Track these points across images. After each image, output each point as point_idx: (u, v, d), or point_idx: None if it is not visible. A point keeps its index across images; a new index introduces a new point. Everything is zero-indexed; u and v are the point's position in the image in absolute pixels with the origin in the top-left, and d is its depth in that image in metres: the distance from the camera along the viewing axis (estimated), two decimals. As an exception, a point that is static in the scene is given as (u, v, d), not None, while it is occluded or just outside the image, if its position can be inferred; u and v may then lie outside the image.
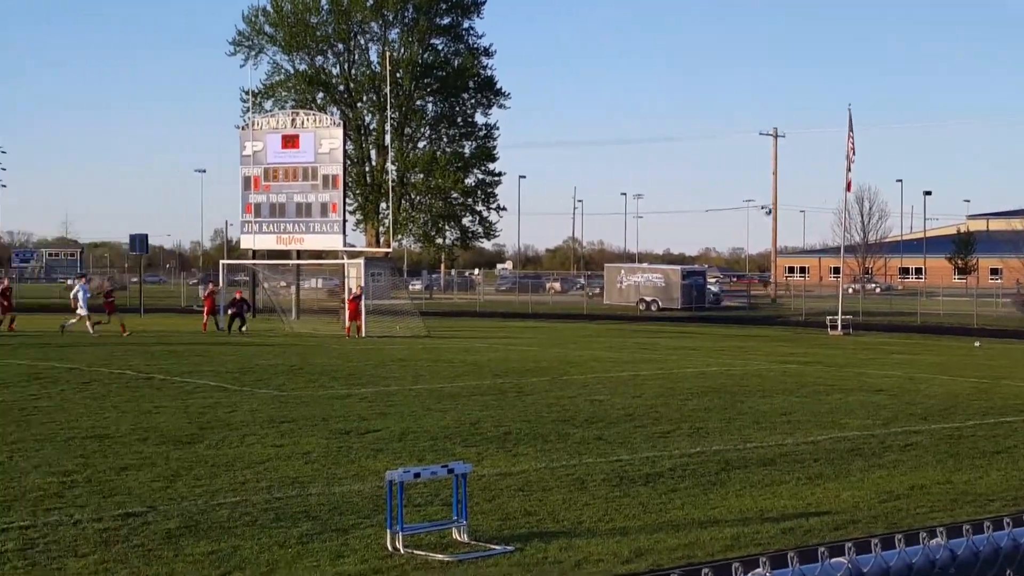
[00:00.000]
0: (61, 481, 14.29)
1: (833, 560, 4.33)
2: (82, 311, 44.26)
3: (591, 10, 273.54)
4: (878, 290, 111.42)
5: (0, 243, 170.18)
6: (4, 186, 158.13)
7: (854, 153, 55.40)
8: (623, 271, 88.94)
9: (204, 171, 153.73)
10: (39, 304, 65.23)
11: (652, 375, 30.06)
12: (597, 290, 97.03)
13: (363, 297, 48.57)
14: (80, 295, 44.92)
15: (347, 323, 47.38)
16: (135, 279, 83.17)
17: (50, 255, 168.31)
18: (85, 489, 13.84)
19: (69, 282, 46.51)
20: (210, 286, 53.78)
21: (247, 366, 31.10)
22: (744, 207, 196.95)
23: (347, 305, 48.77)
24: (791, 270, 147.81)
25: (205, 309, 50.23)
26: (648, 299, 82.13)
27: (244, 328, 47.19)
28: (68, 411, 21.00)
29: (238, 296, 50.08)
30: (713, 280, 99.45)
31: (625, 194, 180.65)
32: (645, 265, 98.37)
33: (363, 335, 46.25)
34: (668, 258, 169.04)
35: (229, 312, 48.31)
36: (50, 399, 22.86)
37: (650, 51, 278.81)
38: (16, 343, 38.74)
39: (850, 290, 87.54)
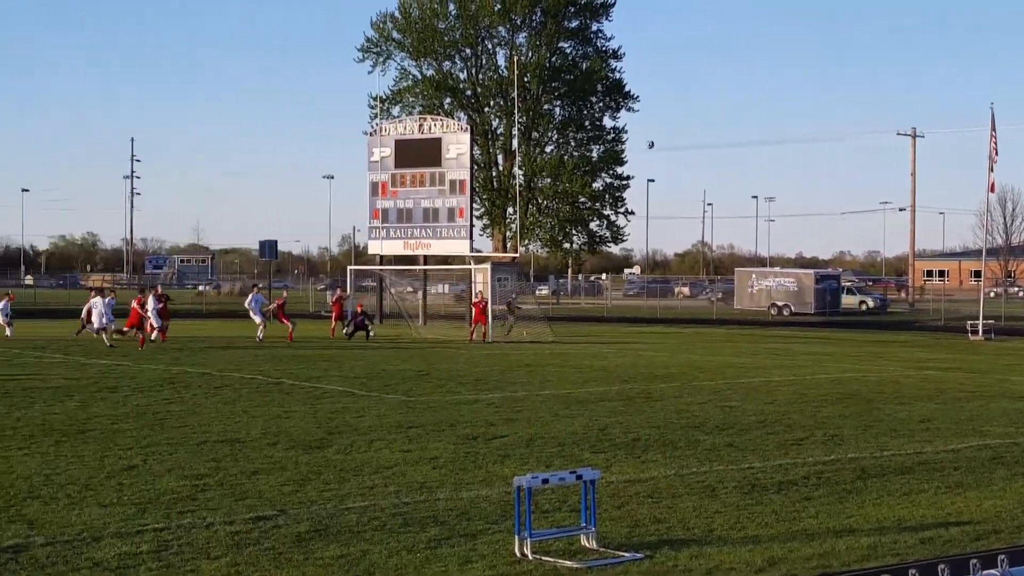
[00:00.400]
0: (194, 484, 14.43)
1: (985, 572, 4.12)
2: (256, 318, 45.02)
3: (721, 11, 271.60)
4: (1021, 294, 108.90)
5: (135, 250, 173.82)
6: (139, 194, 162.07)
7: (997, 153, 54.19)
8: (754, 275, 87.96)
9: (332, 177, 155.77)
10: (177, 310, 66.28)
11: (785, 381, 29.60)
12: (720, 295, 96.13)
13: (488, 302, 48.67)
14: (253, 304, 45.71)
15: (471, 328, 47.50)
16: (264, 285, 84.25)
17: (182, 261, 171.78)
18: (217, 492, 13.96)
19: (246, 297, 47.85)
20: (338, 292, 54.28)
21: (375, 371, 31.29)
22: (881, 209, 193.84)
23: (473, 310, 48.87)
24: (929, 274, 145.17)
25: (333, 315, 50.60)
26: (780, 304, 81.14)
27: (371, 335, 47.45)
28: (200, 415, 21.27)
29: (359, 309, 50.44)
30: (848, 284, 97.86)
31: (756, 197, 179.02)
32: (777, 269, 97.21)
33: (488, 340, 46.32)
34: (800, 262, 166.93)
35: (352, 324, 48.64)
36: (182, 403, 23.19)
37: (782, 51, 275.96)
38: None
39: (992, 294, 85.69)
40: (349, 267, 60.34)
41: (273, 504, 13.31)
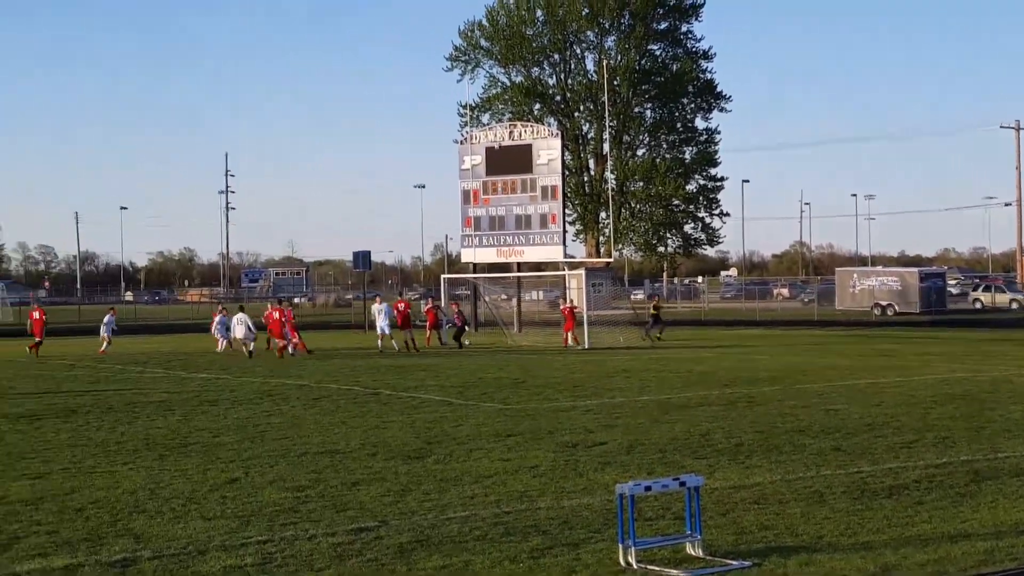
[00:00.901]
0: (295, 496, 14.45)
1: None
2: (384, 329, 45.41)
3: (814, 6, 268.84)
4: None
5: (231, 264, 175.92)
6: (233, 208, 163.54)
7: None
8: (856, 275, 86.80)
9: (424, 186, 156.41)
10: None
11: (891, 383, 29.09)
12: (814, 296, 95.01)
13: (577, 308, 48.61)
14: (380, 315, 46.00)
15: (564, 334, 47.32)
16: (358, 295, 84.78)
17: (277, 274, 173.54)
18: (318, 504, 13.96)
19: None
20: (431, 301, 54.47)
21: (471, 380, 31.26)
22: (985, 205, 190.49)
23: (564, 316, 48.69)
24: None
25: (428, 323, 50.69)
26: (884, 303, 80.00)
27: (464, 343, 47.53)
28: (300, 427, 21.35)
29: (455, 308, 50.66)
30: (954, 281, 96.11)
31: (855, 195, 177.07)
32: (879, 268, 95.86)
33: (584, 346, 46.13)
34: (903, 260, 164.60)
35: (453, 327, 48.77)
36: (282, 416, 23.31)
37: (879, 45, 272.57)
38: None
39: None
40: (442, 276, 60.50)
41: (374, 515, 13.28)
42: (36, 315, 46.96)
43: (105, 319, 47.82)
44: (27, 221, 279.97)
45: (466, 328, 48.97)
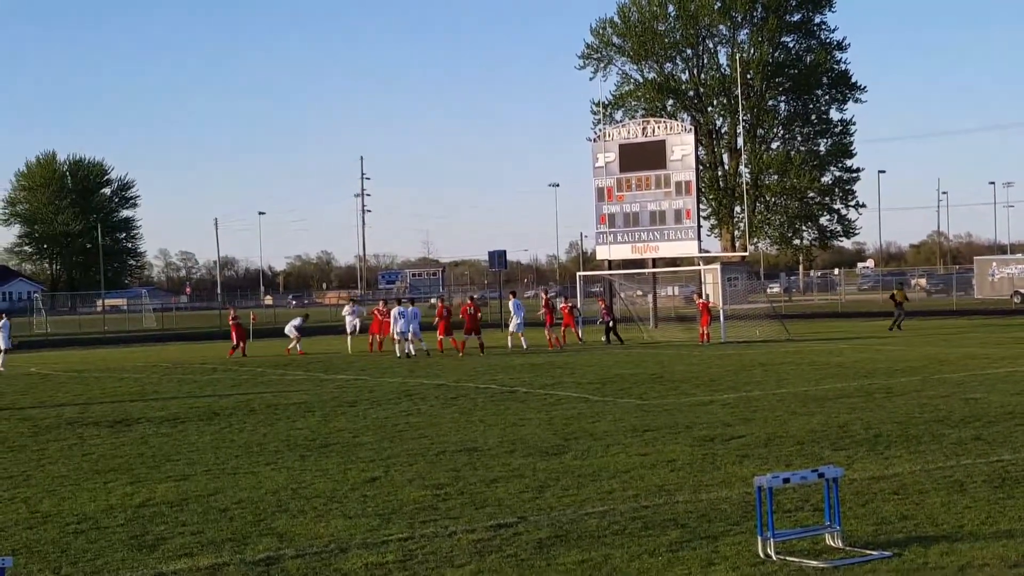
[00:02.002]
0: (435, 494, 14.62)
1: None
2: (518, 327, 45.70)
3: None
4: None
5: (367, 266, 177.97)
6: (369, 211, 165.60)
7: None
8: (995, 263, 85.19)
9: (558, 185, 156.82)
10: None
11: (1031, 370, 28.53)
12: (940, 285, 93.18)
13: (712, 303, 48.28)
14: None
15: (701, 329, 47.00)
16: (495, 295, 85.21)
17: (413, 275, 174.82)
18: (458, 501, 14.12)
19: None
20: (566, 299, 54.51)
21: (607, 376, 31.28)
22: None
23: (700, 310, 48.43)
24: None
25: (563, 322, 50.60)
26: (1023, 291, 78.34)
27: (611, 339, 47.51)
28: (438, 426, 21.58)
29: (602, 305, 50.67)
30: None
31: (994, 183, 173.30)
32: (1019, 256, 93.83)
33: (718, 340, 45.80)
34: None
35: (607, 323, 48.68)
36: (420, 415, 23.57)
37: (1015, 30, 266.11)
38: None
39: None
40: (578, 273, 60.45)
41: (513, 511, 13.39)
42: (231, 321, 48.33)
43: (296, 322, 48.30)
44: (168, 228, 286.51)
45: (613, 324, 48.88)
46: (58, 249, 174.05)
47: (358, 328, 48.84)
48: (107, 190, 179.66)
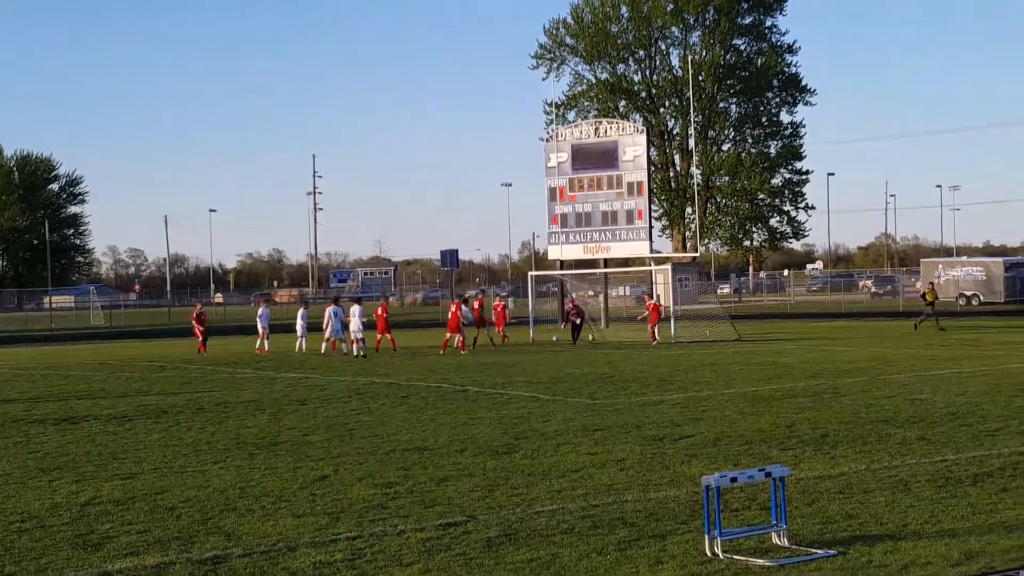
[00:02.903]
0: (384, 493, 14.62)
1: None
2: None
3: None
4: None
5: (319, 264, 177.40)
6: (321, 209, 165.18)
7: None
8: (941, 266, 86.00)
9: (510, 184, 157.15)
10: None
11: (976, 372, 28.84)
12: (887, 287, 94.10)
13: (661, 303, 48.39)
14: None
15: (650, 328, 47.03)
16: (447, 293, 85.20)
17: (365, 274, 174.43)
18: (407, 500, 14.12)
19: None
20: (501, 297, 54.39)
21: (558, 375, 31.35)
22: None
23: (648, 311, 48.41)
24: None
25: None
26: (968, 293, 79.30)
27: (578, 338, 47.51)
28: (388, 424, 21.56)
29: (571, 305, 50.64)
30: None
31: (940, 186, 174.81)
32: (964, 259, 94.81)
33: (662, 341, 45.92)
34: (989, 250, 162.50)
35: (575, 322, 48.62)
36: (370, 413, 23.54)
37: (963, 35, 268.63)
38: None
39: None
40: (530, 273, 60.52)
41: (462, 510, 13.41)
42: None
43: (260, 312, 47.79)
44: (118, 225, 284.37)
45: (581, 324, 48.88)
46: (4, 245, 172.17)
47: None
48: (55, 186, 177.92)
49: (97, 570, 11.20)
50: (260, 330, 46.18)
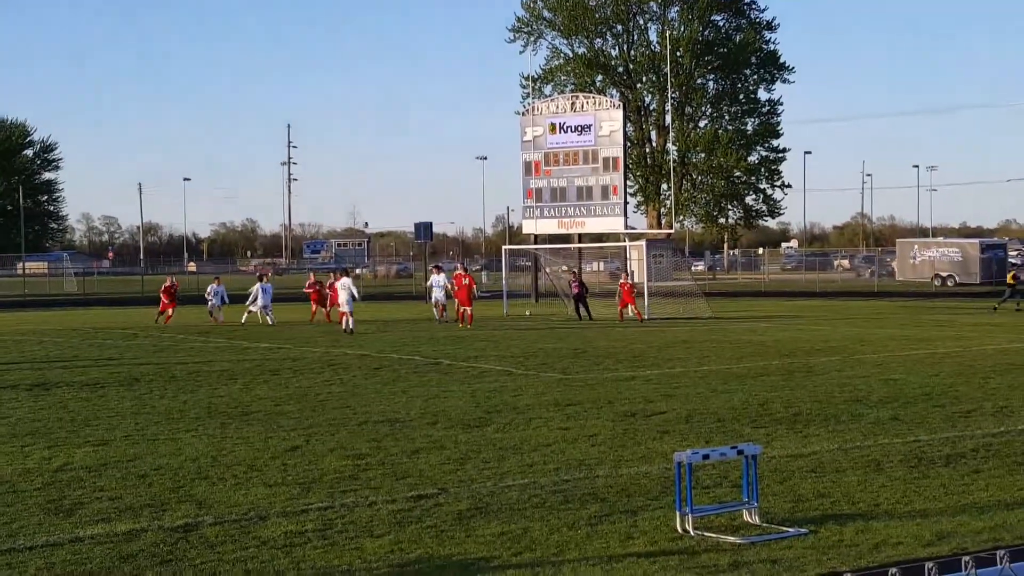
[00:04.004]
0: (356, 464, 14.60)
1: None
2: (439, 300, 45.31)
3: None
4: None
5: (293, 235, 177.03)
6: (296, 180, 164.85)
7: None
8: (916, 246, 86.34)
9: (485, 158, 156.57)
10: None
11: (950, 353, 28.96)
12: (871, 268, 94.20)
13: (636, 285, 48.12)
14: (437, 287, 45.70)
15: (624, 308, 46.59)
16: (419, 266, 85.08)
17: (339, 245, 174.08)
18: (379, 472, 14.10)
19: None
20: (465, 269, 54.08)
21: (531, 350, 31.35)
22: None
23: (621, 288, 47.83)
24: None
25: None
26: (944, 274, 79.59)
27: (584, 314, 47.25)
28: (360, 396, 21.53)
29: (572, 280, 50.38)
30: (1015, 252, 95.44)
31: (917, 166, 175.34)
32: (940, 239, 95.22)
33: (643, 318, 45.87)
34: (965, 231, 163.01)
35: (578, 295, 48.28)
36: (343, 385, 23.50)
37: (943, 14, 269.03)
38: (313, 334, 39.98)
39: None
40: (504, 247, 60.49)
41: (434, 482, 13.40)
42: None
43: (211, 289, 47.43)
44: (91, 192, 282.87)
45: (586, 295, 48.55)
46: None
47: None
48: (29, 152, 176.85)
49: (69, 535, 11.16)
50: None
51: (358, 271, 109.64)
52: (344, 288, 41.09)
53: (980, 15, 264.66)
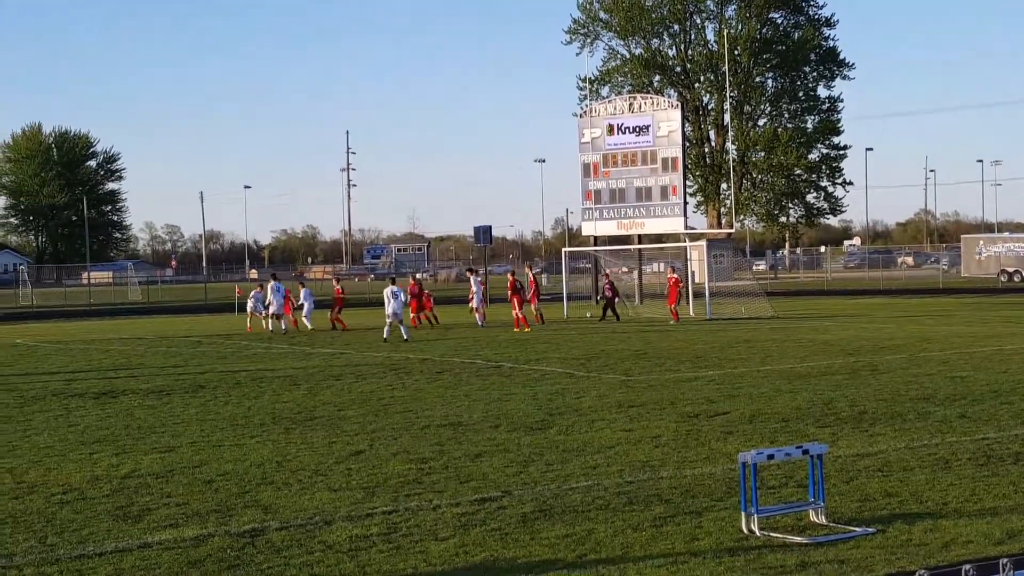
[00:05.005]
0: (419, 468, 14.63)
1: None
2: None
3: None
4: None
5: (352, 241, 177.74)
6: (355, 186, 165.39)
7: None
8: (982, 242, 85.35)
9: (544, 161, 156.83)
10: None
11: (1019, 349, 28.62)
12: (939, 261, 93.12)
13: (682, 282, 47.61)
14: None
15: (670, 307, 46.05)
16: (481, 270, 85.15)
17: (399, 250, 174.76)
18: (442, 475, 14.12)
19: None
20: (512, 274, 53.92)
21: (593, 352, 31.29)
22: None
23: (668, 288, 47.27)
24: None
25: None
26: (1010, 270, 78.65)
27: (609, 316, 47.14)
28: (423, 400, 21.57)
29: (607, 280, 50.26)
30: None
31: (982, 161, 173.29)
32: (1006, 235, 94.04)
33: (688, 318, 45.62)
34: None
35: (609, 298, 48.14)
36: (405, 389, 23.56)
37: (1003, 7, 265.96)
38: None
39: None
40: (563, 249, 60.41)
41: (497, 485, 13.40)
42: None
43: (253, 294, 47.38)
44: (154, 201, 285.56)
45: (616, 299, 48.54)
46: (44, 221, 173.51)
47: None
48: (93, 163, 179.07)
49: (137, 541, 11.26)
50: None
51: (418, 275, 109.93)
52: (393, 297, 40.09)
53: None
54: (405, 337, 37.24)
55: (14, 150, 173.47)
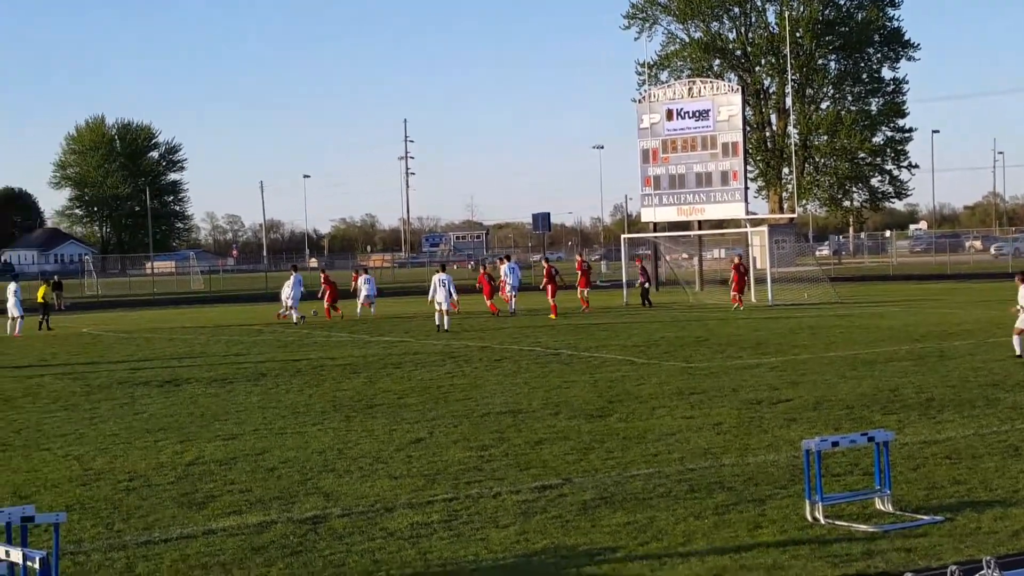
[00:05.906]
0: (479, 455, 14.60)
1: None
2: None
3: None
4: None
5: (411, 229, 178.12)
6: (413, 174, 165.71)
7: None
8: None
9: (602, 147, 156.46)
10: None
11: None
12: (1015, 247, 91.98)
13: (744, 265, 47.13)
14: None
15: (732, 292, 45.59)
16: (538, 257, 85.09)
17: (457, 238, 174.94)
18: (502, 463, 14.08)
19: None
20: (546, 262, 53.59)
21: (652, 339, 31.14)
22: None
23: (732, 274, 46.71)
24: None
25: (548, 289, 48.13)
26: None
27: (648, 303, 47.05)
28: (482, 388, 21.55)
29: (639, 264, 50.08)
30: None
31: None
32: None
33: (752, 304, 45.21)
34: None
35: (643, 285, 47.95)
36: (464, 377, 23.54)
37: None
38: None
39: None
40: (623, 236, 60.15)
41: (558, 473, 13.35)
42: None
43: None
44: (215, 191, 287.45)
45: (648, 287, 48.48)
46: (107, 212, 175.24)
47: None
48: (155, 153, 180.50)
49: (202, 528, 11.32)
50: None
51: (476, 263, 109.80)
52: (441, 285, 39.49)
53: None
54: (445, 327, 36.62)
55: (78, 142, 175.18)
